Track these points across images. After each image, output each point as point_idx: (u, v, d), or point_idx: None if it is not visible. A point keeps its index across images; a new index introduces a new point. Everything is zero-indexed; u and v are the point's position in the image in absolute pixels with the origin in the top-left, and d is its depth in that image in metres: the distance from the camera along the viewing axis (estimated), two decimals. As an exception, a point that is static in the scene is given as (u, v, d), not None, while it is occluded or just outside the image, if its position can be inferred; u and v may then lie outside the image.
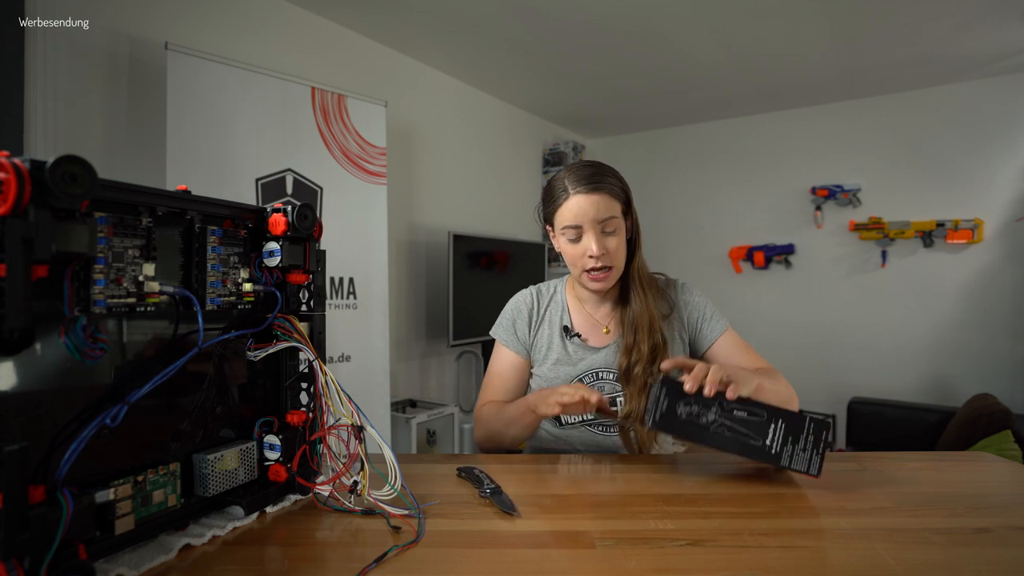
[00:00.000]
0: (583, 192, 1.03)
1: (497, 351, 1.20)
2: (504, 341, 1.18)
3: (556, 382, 1.11)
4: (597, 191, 1.03)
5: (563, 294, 1.20)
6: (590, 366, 1.11)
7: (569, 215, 1.04)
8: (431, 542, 0.61)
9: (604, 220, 1.03)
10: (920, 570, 0.55)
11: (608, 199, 1.04)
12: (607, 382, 1.10)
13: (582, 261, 1.05)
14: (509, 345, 1.17)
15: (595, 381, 1.10)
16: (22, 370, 0.47)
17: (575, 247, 1.06)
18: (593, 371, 1.11)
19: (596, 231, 1.03)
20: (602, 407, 0.92)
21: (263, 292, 0.70)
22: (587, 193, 1.03)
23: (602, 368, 1.11)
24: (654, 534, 0.64)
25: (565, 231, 1.05)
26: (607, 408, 0.94)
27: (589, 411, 0.93)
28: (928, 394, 3.35)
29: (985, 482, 0.85)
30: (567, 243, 1.07)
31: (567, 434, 1.11)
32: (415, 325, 3.06)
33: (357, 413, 0.69)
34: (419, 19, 2.55)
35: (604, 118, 4.06)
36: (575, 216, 1.03)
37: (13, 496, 0.42)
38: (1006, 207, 3.18)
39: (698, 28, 2.63)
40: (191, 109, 1.86)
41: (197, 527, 0.62)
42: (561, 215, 1.05)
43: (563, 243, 1.08)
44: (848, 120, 3.62)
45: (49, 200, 0.43)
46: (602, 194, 1.03)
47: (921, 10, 2.43)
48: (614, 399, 1.09)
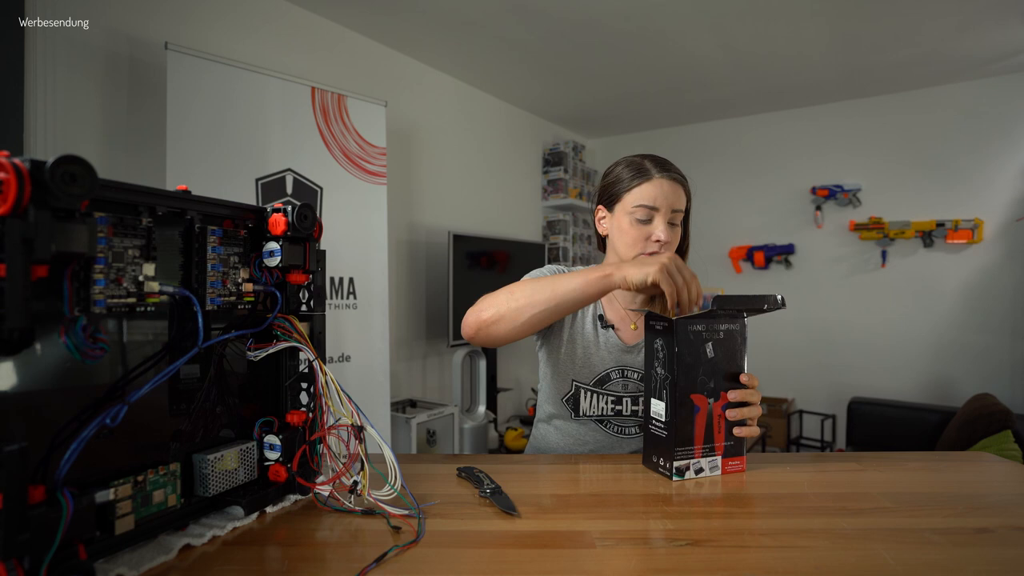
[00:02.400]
0: (667, 178, 1.04)
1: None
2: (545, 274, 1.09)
3: (583, 372, 1.09)
4: (678, 182, 1.06)
5: None
6: (618, 362, 1.10)
7: (648, 195, 1.03)
8: (431, 542, 0.61)
9: (676, 211, 1.05)
10: (920, 570, 0.55)
11: (682, 193, 1.06)
12: (632, 380, 1.10)
13: (644, 244, 1.05)
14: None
15: (621, 378, 1.10)
16: (22, 370, 0.47)
17: (641, 228, 1.05)
18: (620, 367, 1.10)
19: (667, 218, 1.04)
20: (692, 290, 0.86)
21: (263, 292, 0.70)
22: (670, 180, 1.04)
23: (628, 366, 1.11)
24: (654, 534, 0.64)
25: (637, 210, 1.04)
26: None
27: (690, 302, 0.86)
28: (928, 394, 3.35)
29: (985, 482, 0.85)
30: (632, 223, 1.05)
31: (578, 430, 1.11)
32: (415, 325, 3.06)
33: (357, 413, 0.69)
34: (419, 19, 2.55)
35: (604, 118, 4.06)
36: (654, 198, 1.03)
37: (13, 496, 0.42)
38: (1006, 207, 3.19)
39: (698, 28, 2.63)
40: (191, 109, 1.86)
41: (197, 527, 0.62)
42: (639, 193, 1.04)
43: (627, 223, 1.06)
44: (848, 120, 3.62)
45: (49, 200, 0.43)
46: (681, 186, 1.06)
47: (921, 10, 2.43)
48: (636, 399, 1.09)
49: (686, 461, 0.82)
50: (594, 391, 1.09)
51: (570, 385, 1.10)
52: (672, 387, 0.82)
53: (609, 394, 1.09)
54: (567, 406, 1.10)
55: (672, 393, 0.82)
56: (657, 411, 0.84)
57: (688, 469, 0.82)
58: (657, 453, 0.84)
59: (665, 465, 0.83)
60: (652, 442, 0.86)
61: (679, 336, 0.82)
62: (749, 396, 0.85)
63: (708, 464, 0.84)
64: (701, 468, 0.83)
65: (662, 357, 0.84)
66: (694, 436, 0.83)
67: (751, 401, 0.86)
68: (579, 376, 1.10)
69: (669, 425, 0.82)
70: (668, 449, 0.82)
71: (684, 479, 0.82)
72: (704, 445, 0.83)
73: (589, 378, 1.09)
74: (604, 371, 1.10)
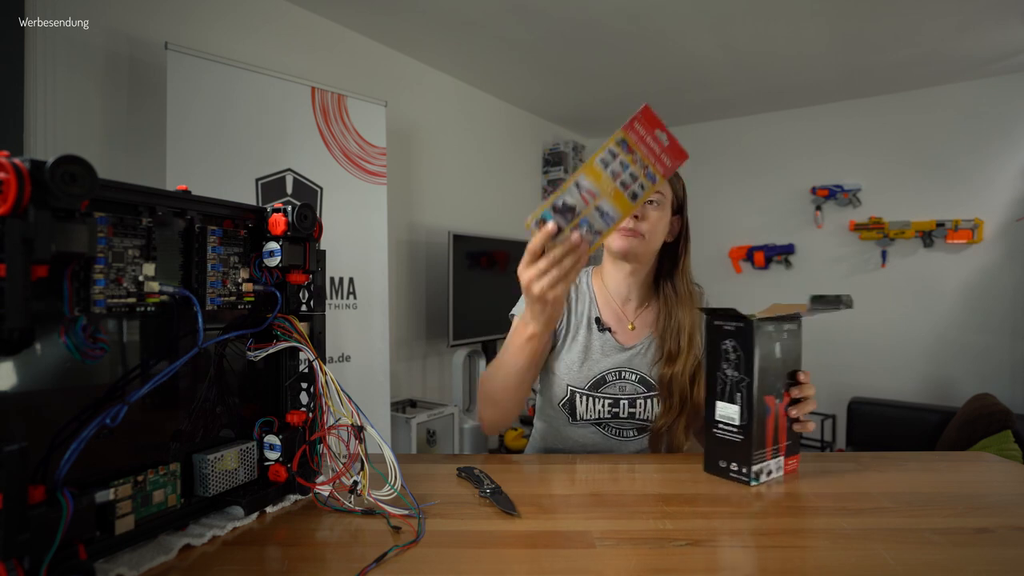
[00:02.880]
0: None
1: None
2: None
3: (578, 376, 1.09)
4: None
5: (589, 284, 1.17)
6: (615, 363, 1.10)
7: None
8: (431, 542, 0.61)
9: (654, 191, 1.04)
10: (920, 570, 0.55)
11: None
12: (629, 382, 1.09)
13: None
14: None
15: (617, 380, 1.09)
16: (22, 370, 0.47)
17: None
18: (617, 369, 1.10)
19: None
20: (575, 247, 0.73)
21: (263, 292, 0.70)
22: None
23: (626, 367, 1.10)
24: (654, 534, 0.64)
25: None
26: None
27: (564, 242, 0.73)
28: (928, 394, 3.35)
29: (985, 482, 0.85)
30: None
31: (577, 433, 1.10)
32: (415, 325, 3.06)
33: (357, 413, 0.69)
34: (419, 19, 2.55)
35: (604, 118, 4.06)
36: None
37: (13, 496, 0.42)
38: (1006, 207, 3.19)
39: (698, 28, 2.63)
40: (191, 109, 1.86)
41: (197, 527, 0.62)
42: None
43: None
44: (848, 120, 3.62)
45: (49, 200, 0.43)
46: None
47: (921, 10, 2.43)
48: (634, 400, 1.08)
49: (761, 464, 0.81)
50: (590, 395, 1.08)
51: (565, 390, 1.10)
52: (748, 390, 0.80)
53: (606, 397, 1.08)
54: (563, 411, 1.09)
55: (748, 396, 0.80)
56: (728, 414, 0.82)
57: (762, 472, 0.81)
58: (729, 458, 0.82)
59: (741, 471, 0.80)
60: (720, 447, 0.83)
61: (759, 338, 0.80)
62: (809, 391, 0.86)
63: (775, 465, 0.83)
64: (771, 470, 0.83)
65: (733, 359, 0.81)
66: (766, 438, 0.82)
67: (810, 396, 0.86)
68: (574, 381, 1.09)
69: (745, 429, 0.80)
70: (745, 454, 0.80)
71: (759, 483, 0.80)
72: (773, 446, 0.83)
73: (584, 382, 1.08)
74: (600, 374, 1.09)
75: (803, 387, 0.85)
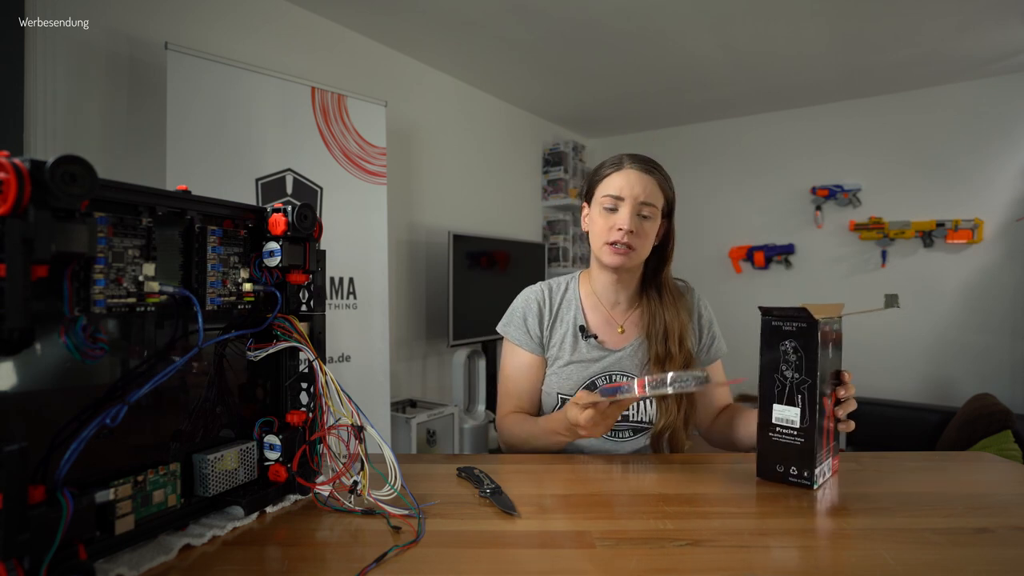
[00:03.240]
0: (636, 169, 1.06)
1: (509, 352, 1.15)
2: (516, 339, 1.13)
3: (568, 383, 1.10)
4: (649, 173, 1.06)
5: (576, 291, 1.16)
6: (604, 368, 1.10)
7: (615, 186, 1.05)
8: (431, 542, 0.61)
9: (644, 203, 1.04)
10: (920, 570, 0.55)
11: (655, 187, 1.06)
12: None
13: (610, 233, 1.05)
14: (522, 344, 1.12)
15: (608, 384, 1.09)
16: (22, 370, 0.47)
17: (608, 217, 1.06)
18: (607, 373, 1.10)
19: (633, 208, 1.04)
20: (621, 404, 0.86)
21: (263, 292, 0.70)
22: (639, 171, 1.05)
23: (616, 371, 1.10)
24: (654, 534, 0.64)
25: (604, 199, 1.06)
26: (623, 399, 0.85)
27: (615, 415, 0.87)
28: (928, 394, 3.35)
29: (985, 482, 0.85)
30: (601, 212, 1.06)
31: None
32: (415, 325, 3.06)
33: (357, 413, 0.69)
34: (419, 19, 2.55)
35: (604, 118, 4.06)
36: (620, 188, 1.04)
37: (13, 496, 0.42)
38: (1006, 207, 3.18)
39: (698, 28, 2.63)
40: (191, 109, 1.86)
41: (197, 527, 0.62)
42: (607, 183, 1.07)
43: (596, 214, 1.08)
44: (848, 120, 3.62)
45: (49, 200, 0.43)
46: (652, 178, 1.06)
47: (921, 10, 2.43)
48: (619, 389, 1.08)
49: (820, 466, 0.80)
50: None
51: (556, 399, 1.10)
52: (810, 391, 0.79)
53: None
54: None
55: (810, 398, 0.79)
56: (787, 417, 0.80)
57: (820, 475, 0.80)
58: (788, 462, 0.80)
59: (803, 474, 0.79)
60: (778, 451, 0.81)
61: (823, 338, 0.79)
62: (852, 390, 0.86)
63: (827, 467, 0.83)
64: (825, 472, 0.82)
65: (793, 360, 0.80)
66: (824, 439, 0.81)
67: (852, 395, 0.87)
68: (564, 388, 1.10)
69: (807, 432, 0.79)
70: (807, 457, 0.78)
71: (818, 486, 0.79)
72: (826, 448, 0.82)
73: (573, 389, 1.09)
74: (589, 379, 1.09)
75: (848, 387, 0.86)
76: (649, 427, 1.09)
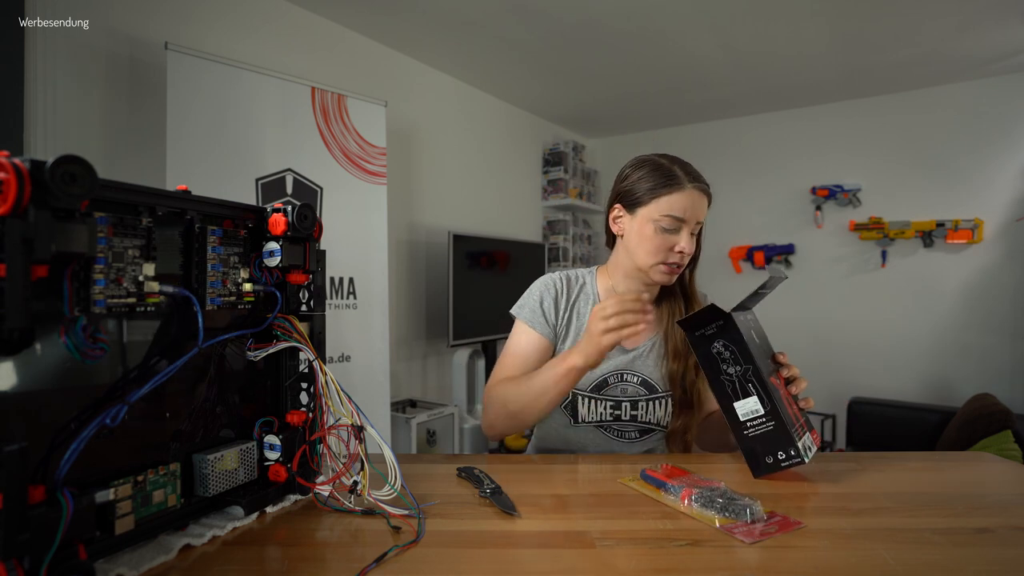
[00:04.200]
0: (700, 190, 1.02)
1: (518, 331, 1.11)
2: (528, 321, 1.10)
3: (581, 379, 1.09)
4: (707, 194, 1.04)
5: (594, 286, 1.15)
6: (616, 366, 1.09)
7: (679, 206, 1.00)
8: (431, 542, 0.61)
9: (699, 222, 1.04)
10: (920, 570, 0.55)
11: (707, 204, 1.05)
12: (631, 384, 1.09)
13: (667, 254, 1.02)
14: (535, 326, 1.09)
15: (619, 382, 1.09)
16: (22, 370, 0.47)
17: (665, 238, 1.02)
18: (618, 371, 1.09)
19: (692, 229, 1.03)
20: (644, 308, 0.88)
21: (263, 292, 0.70)
22: (702, 192, 1.03)
23: (627, 370, 1.10)
24: (654, 534, 0.64)
25: (664, 219, 1.01)
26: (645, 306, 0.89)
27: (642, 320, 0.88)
28: (928, 394, 3.35)
29: (985, 482, 0.85)
30: (657, 231, 1.02)
31: (579, 435, 1.10)
32: (415, 325, 3.06)
33: (357, 413, 0.69)
34: (419, 19, 2.55)
35: (604, 118, 4.06)
36: (685, 209, 1.00)
37: (13, 496, 0.42)
38: (1006, 207, 3.18)
39: (698, 27, 2.63)
40: (191, 109, 1.86)
41: (197, 527, 0.62)
42: (669, 202, 1.00)
43: (650, 230, 1.02)
44: (848, 120, 3.62)
45: (49, 200, 0.43)
46: (707, 197, 1.04)
47: (921, 10, 2.43)
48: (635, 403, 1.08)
49: (801, 440, 0.81)
50: (592, 397, 1.08)
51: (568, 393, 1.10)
52: (757, 376, 0.80)
53: (608, 399, 1.08)
54: (565, 413, 1.09)
55: (759, 381, 0.80)
56: (751, 409, 0.81)
57: (804, 448, 0.81)
58: (773, 449, 0.81)
59: (790, 453, 0.80)
60: (759, 444, 0.81)
61: (741, 326, 0.82)
62: (796, 369, 0.87)
63: (809, 440, 0.84)
64: (808, 445, 0.82)
65: (728, 356, 0.82)
66: (791, 414, 0.82)
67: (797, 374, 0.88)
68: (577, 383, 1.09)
69: (772, 413, 0.80)
70: (785, 435, 0.80)
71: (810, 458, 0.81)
72: (798, 424, 0.83)
73: (587, 384, 1.08)
74: (602, 376, 1.09)
75: (790, 367, 0.87)
76: (655, 428, 1.09)
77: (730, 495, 0.69)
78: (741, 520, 0.65)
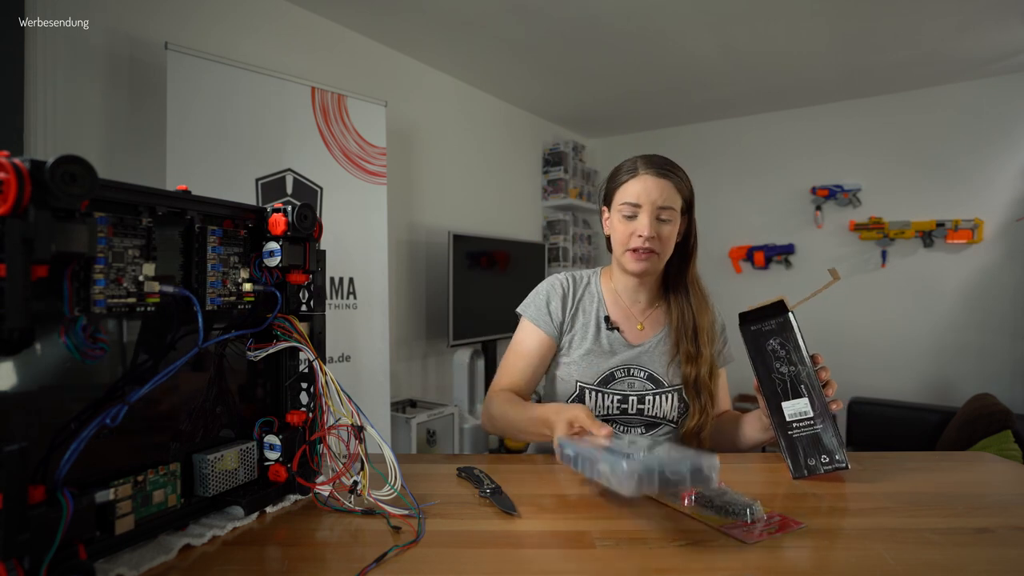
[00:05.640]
0: (651, 175, 1.06)
1: (524, 330, 1.16)
2: (534, 319, 1.14)
3: (588, 372, 1.11)
4: (664, 177, 1.06)
5: (597, 285, 1.19)
6: (623, 361, 1.11)
7: (631, 193, 1.06)
8: (431, 542, 0.61)
9: (663, 207, 1.05)
10: (920, 570, 0.55)
11: (672, 190, 1.06)
12: (638, 379, 1.10)
13: (630, 240, 1.06)
14: (540, 324, 1.13)
15: (626, 377, 1.10)
16: (22, 370, 0.47)
17: (627, 225, 1.07)
18: (625, 366, 1.11)
19: (652, 214, 1.05)
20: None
21: (263, 292, 0.70)
22: (655, 176, 1.06)
23: (634, 365, 1.11)
24: (654, 534, 0.64)
25: (623, 207, 1.07)
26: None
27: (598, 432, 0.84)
28: (928, 394, 3.35)
29: (985, 482, 0.85)
30: (620, 220, 1.08)
31: None
32: (415, 325, 3.06)
33: (357, 413, 0.69)
34: (419, 19, 2.55)
35: (604, 118, 4.06)
36: (637, 195, 1.05)
37: (13, 496, 0.42)
38: (1006, 207, 3.18)
39: (698, 28, 2.63)
40: (191, 109, 1.86)
41: (197, 527, 0.62)
42: (624, 191, 1.07)
43: (616, 221, 1.09)
44: (848, 120, 3.62)
45: (49, 200, 0.43)
46: (668, 181, 1.06)
47: (921, 10, 2.43)
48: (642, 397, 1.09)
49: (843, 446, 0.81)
50: (599, 391, 1.09)
51: (574, 386, 1.11)
52: (809, 378, 0.81)
53: (615, 393, 1.09)
54: None
55: (811, 384, 0.81)
56: (800, 411, 0.82)
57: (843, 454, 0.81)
58: (818, 452, 0.80)
59: (835, 458, 0.80)
60: (804, 446, 0.81)
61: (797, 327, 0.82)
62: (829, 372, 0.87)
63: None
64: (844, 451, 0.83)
65: (784, 355, 0.82)
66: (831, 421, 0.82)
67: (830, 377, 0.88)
68: (583, 377, 1.11)
69: (821, 417, 0.80)
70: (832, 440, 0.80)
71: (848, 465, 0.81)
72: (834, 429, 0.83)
73: (594, 378, 1.10)
74: (609, 370, 1.10)
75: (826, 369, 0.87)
76: (662, 422, 1.10)
77: (730, 495, 0.69)
78: (741, 520, 0.65)
